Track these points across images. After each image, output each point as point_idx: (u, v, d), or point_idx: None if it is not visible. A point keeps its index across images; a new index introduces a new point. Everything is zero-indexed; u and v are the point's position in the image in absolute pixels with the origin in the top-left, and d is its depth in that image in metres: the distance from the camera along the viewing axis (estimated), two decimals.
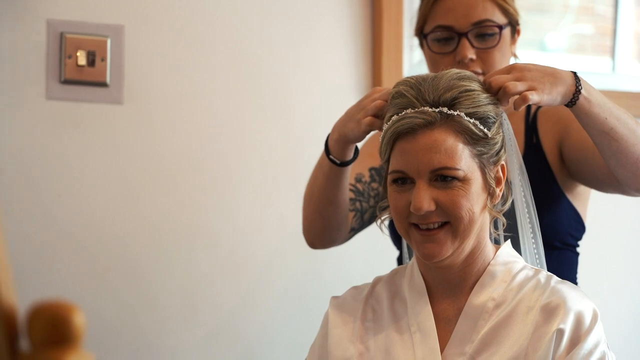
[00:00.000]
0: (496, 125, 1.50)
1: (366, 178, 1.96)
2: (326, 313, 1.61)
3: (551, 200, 1.91)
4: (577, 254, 2.00)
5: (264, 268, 2.42)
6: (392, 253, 2.11)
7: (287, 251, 2.42)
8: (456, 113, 1.46)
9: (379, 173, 1.96)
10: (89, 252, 2.27)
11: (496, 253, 1.54)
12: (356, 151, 1.77)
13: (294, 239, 2.24)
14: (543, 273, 1.53)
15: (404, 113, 1.47)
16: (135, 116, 2.31)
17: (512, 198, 1.57)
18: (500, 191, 1.52)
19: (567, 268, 1.96)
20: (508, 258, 1.55)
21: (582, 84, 1.61)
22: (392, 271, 1.63)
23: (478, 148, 1.47)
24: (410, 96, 1.48)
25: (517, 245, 1.62)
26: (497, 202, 1.52)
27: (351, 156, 1.76)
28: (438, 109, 1.46)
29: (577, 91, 1.60)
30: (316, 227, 1.89)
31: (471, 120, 1.47)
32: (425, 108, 1.46)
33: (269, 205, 2.42)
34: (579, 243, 2.00)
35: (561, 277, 1.54)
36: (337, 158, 1.75)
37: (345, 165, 1.76)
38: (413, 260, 1.59)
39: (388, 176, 1.50)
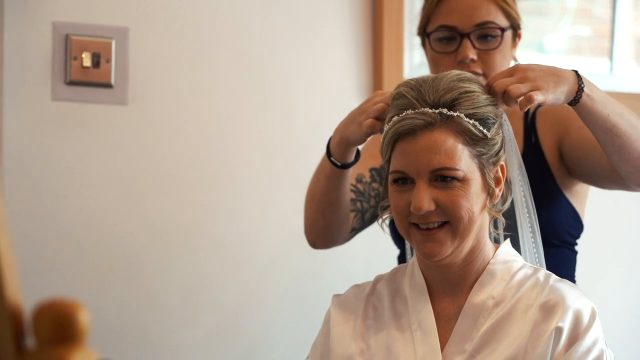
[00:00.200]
0: (496, 126, 1.51)
1: (367, 178, 1.96)
2: (328, 311, 1.62)
3: (549, 198, 1.91)
4: (576, 252, 2.00)
5: (266, 268, 2.42)
6: (393, 253, 2.11)
7: (289, 251, 2.42)
8: (456, 114, 1.46)
9: (380, 173, 1.96)
10: (92, 252, 2.27)
11: (496, 252, 1.55)
12: (357, 154, 1.77)
13: (296, 239, 2.23)
14: (542, 271, 1.54)
15: (405, 114, 1.47)
16: (139, 117, 2.31)
17: (512, 198, 1.58)
18: (499, 191, 1.52)
19: (566, 266, 1.96)
20: (507, 257, 1.55)
21: (585, 82, 1.61)
22: (393, 270, 1.64)
23: (478, 149, 1.48)
24: (410, 97, 1.48)
25: (517, 244, 1.63)
26: (497, 202, 1.53)
27: (352, 159, 1.76)
28: (438, 110, 1.46)
29: (580, 89, 1.61)
30: (318, 228, 1.90)
31: (471, 121, 1.47)
32: (425, 109, 1.46)
33: (271, 205, 2.42)
34: (578, 241, 2.00)
35: (559, 275, 1.55)
36: (339, 160, 1.75)
37: (346, 167, 1.76)
38: (414, 259, 1.59)
39: (389, 176, 1.51)
